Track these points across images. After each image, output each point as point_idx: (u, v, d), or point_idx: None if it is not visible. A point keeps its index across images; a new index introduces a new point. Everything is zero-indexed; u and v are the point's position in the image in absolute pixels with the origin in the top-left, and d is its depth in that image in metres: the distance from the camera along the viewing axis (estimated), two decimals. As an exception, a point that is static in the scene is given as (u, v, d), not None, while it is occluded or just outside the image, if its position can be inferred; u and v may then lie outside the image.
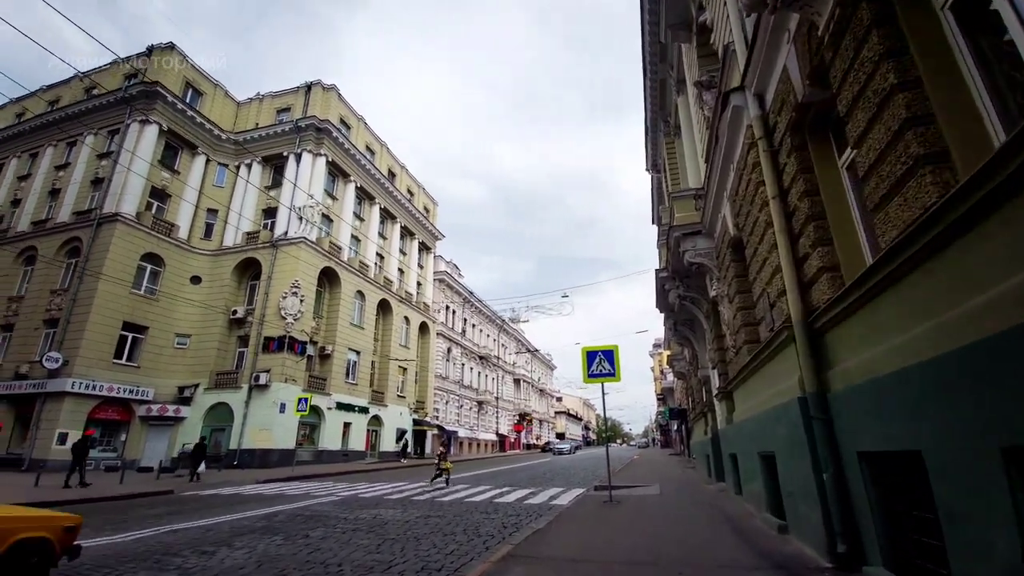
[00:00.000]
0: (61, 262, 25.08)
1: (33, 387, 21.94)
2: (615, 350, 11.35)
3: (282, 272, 26.71)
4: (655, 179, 26.36)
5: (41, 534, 4.51)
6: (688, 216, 10.97)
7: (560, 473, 21.90)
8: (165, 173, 27.62)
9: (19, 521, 4.43)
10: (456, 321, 48.95)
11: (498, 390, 58.88)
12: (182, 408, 25.13)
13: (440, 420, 42.42)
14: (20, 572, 4.24)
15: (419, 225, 42.05)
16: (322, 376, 28.12)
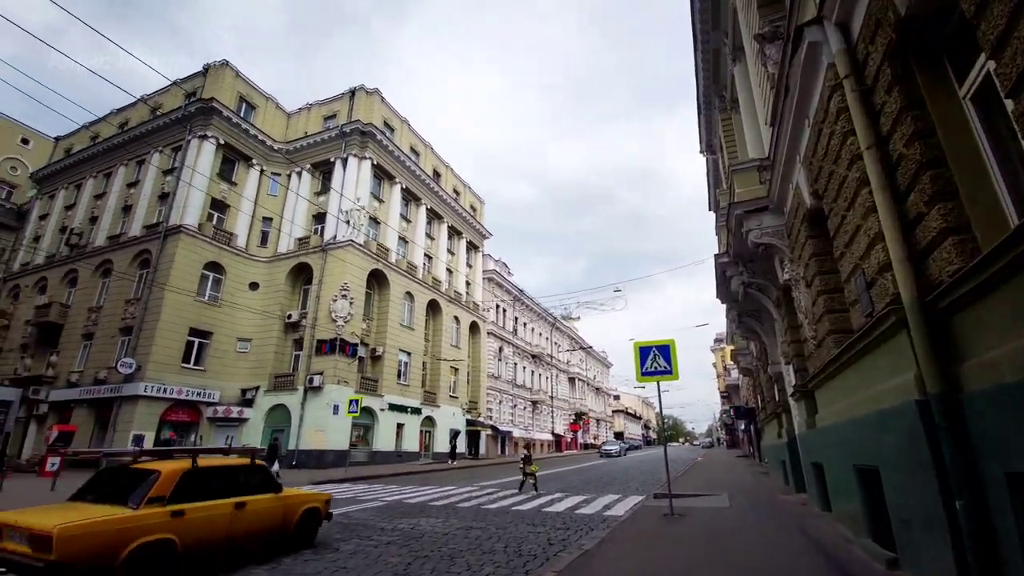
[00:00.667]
0: (133, 273, 26.72)
1: (110, 391, 23.40)
2: (671, 345, 10.20)
3: (332, 275, 27.14)
4: (710, 161, 24.55)
5: (315, 505, 7.58)
6: (751, 191, 9.64)
7: (617, 477, 20.71)
8: (224, 185, 28.84)
9: (306, 497, 7.55)
10: (507, 320, 48.45)
11: (552, 389, 57.90)
12: (245, 410, 26.08)
13: (494, 420, 42.05)
14: (307, 525, 7.39)
15: (466, 224, 41.87)
16: (374, 378, 28.36)
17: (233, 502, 6.27)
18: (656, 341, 10.38)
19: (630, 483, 17.82)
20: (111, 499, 5.53)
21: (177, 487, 5.73)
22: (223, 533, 6.09)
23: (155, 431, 23.24)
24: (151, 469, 5.82)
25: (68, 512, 5.17)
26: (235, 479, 6.59)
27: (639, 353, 10.37)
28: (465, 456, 36.32)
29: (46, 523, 4.74)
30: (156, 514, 5.41)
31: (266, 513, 6.73)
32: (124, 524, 5.13)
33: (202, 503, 5.90)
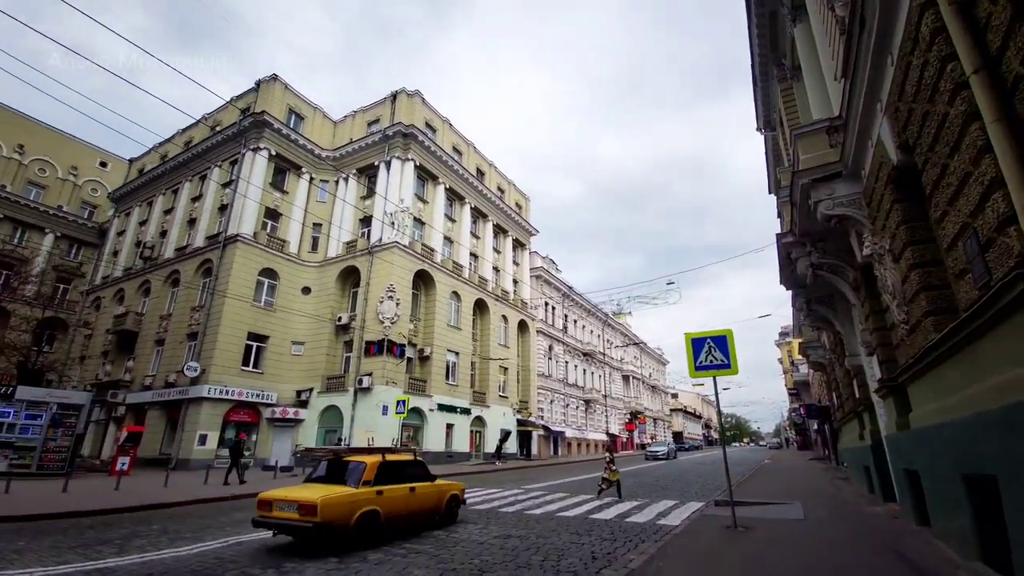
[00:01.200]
0: (198, 282, 28.18)
1: (178, 394, 24.71)
2: (728, 336, 9.13)
3: (378, 277, 27.42)
4: (769, 139, 22.66)
5: (456, 492, 9.75)
6: (819, 156, 8.40)
7: (675, 480, 19.41)
8: (276, 194, 29.91)
9: (450, 486, 9.66)
10: (556, 318, 47.55)
11: (606, 388, 56.37)
12: (301, 410, 26.82)
13: (545, 420, 41.29)
14: (452, 507, 9.53)
15: (511, 222, 41.40)
16: (422, 378, 28.40)
17: (409, 486, 8.72)
18: (711, 332, 9.34)
19: (689, 487, 16.57)
20: (336, 481, 8.01)
21: (377, 474, 8.22)
22: (404, 508, 8.51)
23: (219, 431, 24.28)
24: (359, 461, 8.39)
25: (315, 490, 7.52)
26: (408, 470, 9.05)
27: (692, 345, 9.36)
28: (516, 457, 35.81)
29: (311, 496, 7.12)
30: (368, 492, 7.86)
31: (428, 496, 9.12)
32: (353, 498, 7.56)
33: (391, 486, 8.35)
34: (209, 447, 23.71)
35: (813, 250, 10.15)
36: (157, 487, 15.06)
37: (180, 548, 7.38)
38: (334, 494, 7.37)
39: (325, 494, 7.26)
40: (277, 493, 7.56)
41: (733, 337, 9.13)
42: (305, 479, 8.65)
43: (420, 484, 8.98)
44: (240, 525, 9.32)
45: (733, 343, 9.06)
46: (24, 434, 15.49)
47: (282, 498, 7.36)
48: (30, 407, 15.74)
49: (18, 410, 15.45)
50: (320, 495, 7.19)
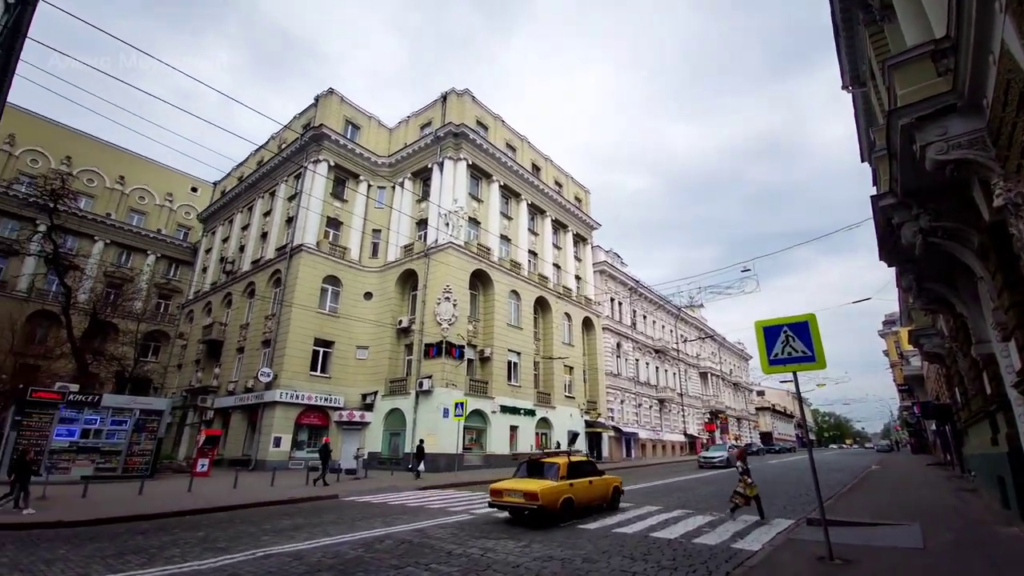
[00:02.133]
0: (270, 292, 29.65)
1: (255, 398, 26.01)
2: (810, 322, 7.49)
3: (435, 279, 27.30)
4: (859, 97, 19.69)
5: (617, 484, 12.48)
6: (924, 88, 6.59)
7: (761, 488, 17.18)
8: (336, 203, 30.85)
9: (613, 480, 12.42)
10: (623, 314, 45.42)
11: (681, 386, 53.14)
12: (366, 414, 27.32)
13: (616, 421, 39.44)
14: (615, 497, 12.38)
15: (571, 216, 40.02)
16: (483, 379, 27.91)
17: (588, 480, 11.51)
18: (788, 318, 7.74)
19: (776, 498, 14.52)
20: (537, 476, 10.94)
21: (568, 470, 11.05)
22: (586, 495, 11.27)
23: (291, 434, 25.24)
24: (553, 462, 11.32)
25: (530, 483, 10.39)
26: (585, 467, 11.96)
27: (764, 335, 7.81)
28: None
29: (533, 487, 10.01)
30: (564, 484, 10.62)
31: (599, 487, 11.90)
32: (557, 488, 10.33)
33: (577, 480, 11.11)
34: (283, 449, 24.69)
35: (922, 212, 8.15)
36: (227, 489, 15.58)
37: (204, 561, 7.09)
38: (546, 486, 10.20)
39: (541, 486, 10.11)
40: (505, 485, 10.73)
41: (817, 324, 7.47)
42: (513, 474, 11.82)
43: (595, 478, 11.84)
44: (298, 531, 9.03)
45: (817, 331, 7.41)
46: (110, 439, 16.71)
47: (510, 488, 10.44)
48: (115, 413, 16.98)
49: (104, 417, 16.69)
50: (538, 487, 10.07)
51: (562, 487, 10.45)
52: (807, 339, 7.40)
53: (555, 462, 11.18)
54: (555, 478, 10.59)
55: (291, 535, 9.03)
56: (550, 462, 11.28)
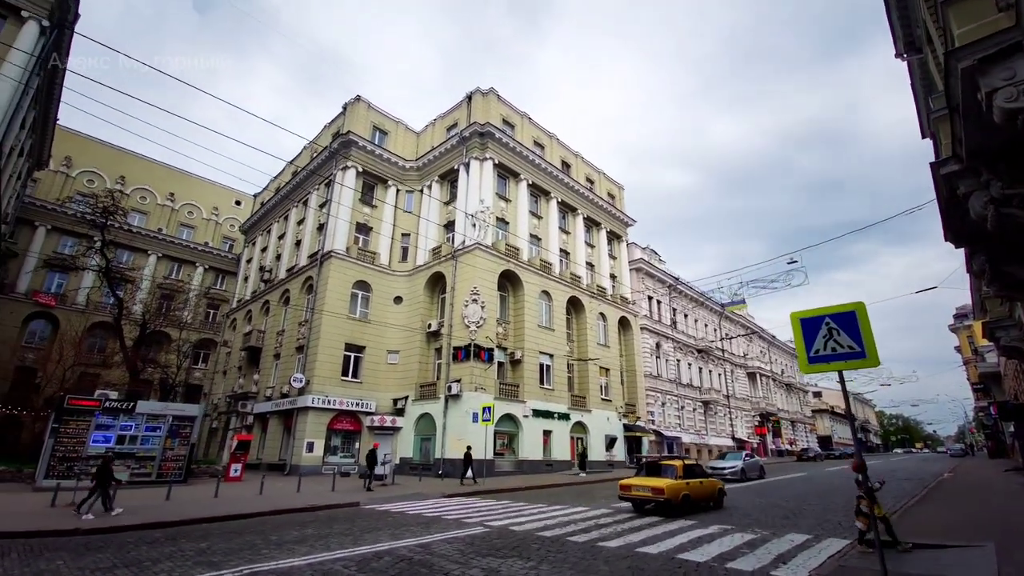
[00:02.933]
0: (304, 299, 30.11)
1: (289, 404, 26.34)
2: (858, 311, 6.36)
3: (462, 281, 26.87)
4: (914, 65, 17.80)
5: (720, 485, 14.55)
6: (985, 25, 5.44)
7: (811, 500, 15.62)
8: (366, 209, 31.06)
9: (718, 482, 14.60)
10: (662, 312, 43.62)
11: (727, 387, 50.55)
12: (397, 419, 27.16)
13: (657, 424, 37.78)
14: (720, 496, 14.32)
15: (604, 213, 38.79)
16: (514, 383, 27.19)
17: (699, 480, 13.60)
18: (831, 308, 6.62)
19: (831, 512, 13.03)
20: (659, 475, 13.26)
21: (683, 471, 13.24)
22: (698, 493, 13.27)
23: (324, 439, 25.35)
24: (671, 464, 13.67)
25: (653, 480, 12.79)
26: (696, 469, 14.09)
27: (801, 328, 6.72)
28: (626, 465, 32.98)
29: (659, 484, 12.37)
30: (682, 482, 12.79)
31: (708, 487, 13.83)
32: (678, 485, 12.58)
33: (690, 479, 13.20)
34: (316, 454, 24.82)
35: (992, 178, 6.84)
36: (253, 494, 15.56)
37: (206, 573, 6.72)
38: (670, 483, 12.45)
39: (666, 483, 12.39)
40: (632, 481, 13.10)
41: (867, 313, 6.32)
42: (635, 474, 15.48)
43: (703, 479, 13.89)
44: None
45: (868, 322, 6.27)
46: (145, 445, 17.11)
47: (638, 484, 12.85)
48: (150, 420, 17.38)
49: (139, 423, 17.11)
50: (664, 483, 12.38)
51: (681, 485, 12.70)
52: (855, 332, 6.27)
53: (673, 464, 13.64)
54: (674, 477, 12.88)
55: (292, 548, 8.62)
56: (668, 464, 13.80)
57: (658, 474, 13.37)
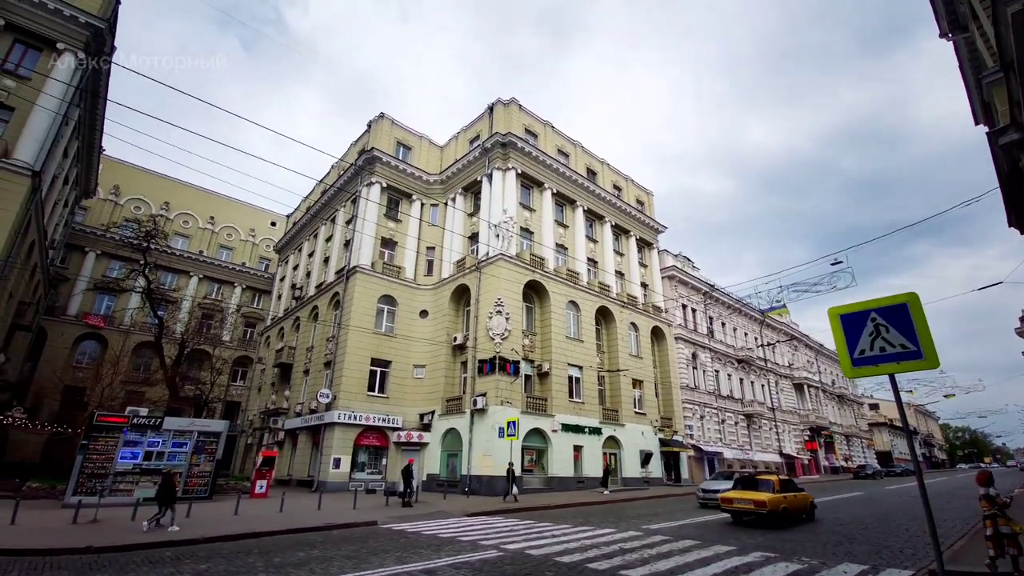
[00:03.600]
0: (331, 314, 30.34)
1: (317, 420, 26.35)
2: (910, 303, 5.43)
3: (487, 293, 26.41)
4: (961, 45, 16.49)
5: (811, 499, 15.37)
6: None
7: (870, 524, 14.06)
8: (391, 224, 31.22)
9: (809, 496, 15.39)
10: (697, 321, 41.85)
11: (771, 399, 47.86)
12: (424, 434, 26.71)
13: (696, 439, 35.93)
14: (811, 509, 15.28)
15: (633, 220, 37.75)
16: (542, 396, 26.34)
17: (794, 494, 14.60)
18: (877, 301, 5.70)
19: (892, 537, 11.61)
20: (755, 489, 14.35)
21: (779, 485, 14.43)
22: (793, 506, 14.21)
23: (351, 455, 25.14)
24: (767, 479, 14.99)
25: (754, 494, 13.87)
26: (790, 485, 15.12)
27: (842, 325, 5.81)
28: (663, 482, 31.38)
29: (761, 497, 13.56)
30: (780, 495, 13.86)
31: (801, 500, 14.75)
32: (777, 498, 13.65)
33: (784, 493, 14.20)
34: (342, 470, 24.61)
35: (1071, 143, 5.81)
36: (273, 512, 15.34)
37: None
38: (770, 496, 13.57)
39: (767, 496, 13.54)
40: (732, 495, 14.24)
41: (921, 306, 5.38)
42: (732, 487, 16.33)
43: (796, 493, 14.82)
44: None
45: (922, 316, 5.33)
46: (171, 461, 17.23)
47: (739, 497, 13.97)
48: (176, 436, 17.52)
49: (166, 439, 17.27)
50: (765, 497, 13.51)
51: (780, 498, 13.84)
52: (907, 328, 5.35)
53: (769, 479, 14.95)
54: (771, 491, 14.02)
55: (289, 572, 8.15)
56: (764, 479, 15.10)
57: (755, 488, 14.50)
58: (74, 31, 21.40)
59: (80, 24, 21.44)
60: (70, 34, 21.29)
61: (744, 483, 15.34)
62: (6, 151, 18.95)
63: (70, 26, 21.27)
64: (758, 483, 14.75)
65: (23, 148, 19.44)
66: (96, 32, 22.04)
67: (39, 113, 19.89)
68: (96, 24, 21.86)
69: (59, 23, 21.03)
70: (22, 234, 20.36)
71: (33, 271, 26.05)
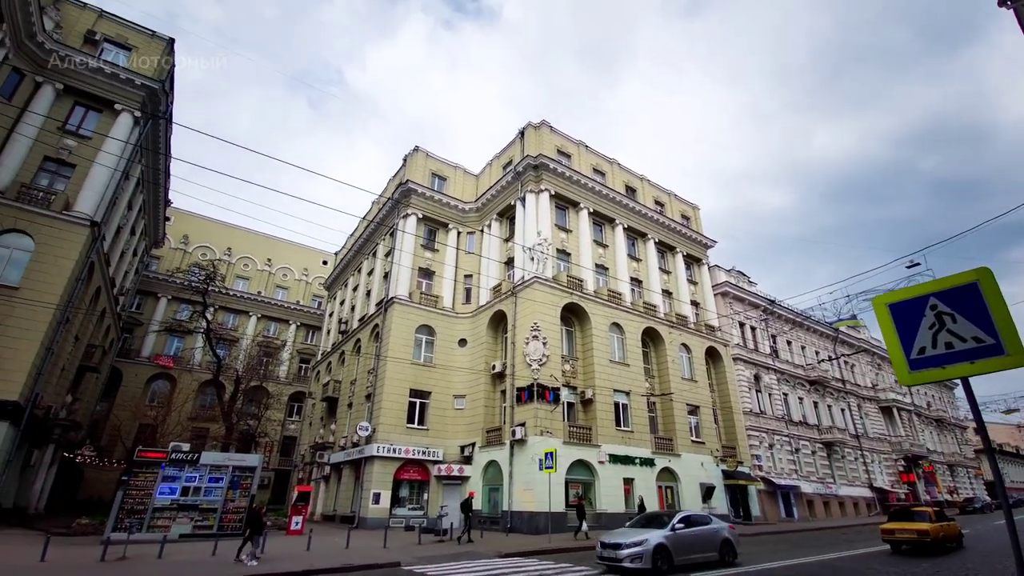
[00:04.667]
0: (372, 346, 30.48)
1: (358, 453, 26.07)
2: (981, 282, 4.06)
3: (523, 318, 25.53)
4: (1021, 12, 14.36)
5: (957, 527, 16.96)
6: None
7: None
8: (428, 254, 31.35)
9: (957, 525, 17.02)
10: (758, 340, 38.66)
11: (855, 425, 42.95)
12: (465, 467, 25.74)
13: (765, 471, 32.50)
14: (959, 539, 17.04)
15: (678, 236, 35.92)
16: (586, 425, 24.75)
17: (948, 523, 16.23)
18: (937, 283, 4.35)
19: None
20: (913, 520, 15.85)
21: (935, 515, 15.97)
22: (945, 534, 15.68)
23: (391, 490, 24.51)
24: (923, 510, 16.47)
25: (916, 523, 15.50)
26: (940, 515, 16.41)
27: (892, 317, 4.49)
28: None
29: (922, 527, 15.15)
30: (937, 525, 15.43)
31: (952, 529, 16.22)
32: (936, 527, 15.27)
33: (942, 523, 15.82)
34: (382, 506, 23.98)
35: None
36: (299, 551, 14.85)
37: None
38: (931, 526, 15.01)
39: (929, 526, 14.97)
40: (892, 526, 15.84)
41: (996, 284, 4.01)
42: (888, 518, 16.97)
43: (942, 523, 15.75)
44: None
45: (999, 296, 3.95)
46: (208, 496, 17.30)
47: (901, 528, 15.51)
48: (213, 471, 17.64)
49: (203, 474, 17.42)
50: (927, 527, 14.93)
51: (938, 527, 15.18)
52: (981, 314, 3.98)
53: (924, 510, 16.36)
54: (928, 521, 15.36)
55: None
56: (920, 510, 16.50)
57: (911, 519, 15.94)
58: (130, 92, 23.41)
59: (136, 86, 23.44)
60: (127, 95, 23.28)
61: (899, 515, 16.63)
62: (67, 204, 20.65)
63: (127, 88, 23.29)
64: (914, 514, 16.25)
65: (83, 201, 21.12)
66: (151, 92, 24.00)
67: (98, 169, 21.65)
68: (151, 85, 23.82)
69: (116, 86, 23.07)
70: (84, 281, 21.93)
71: (102, 316, 28.06)
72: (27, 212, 19.68)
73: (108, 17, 24.43)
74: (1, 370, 17.71)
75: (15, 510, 20.46)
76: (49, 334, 19.23)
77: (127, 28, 24.84)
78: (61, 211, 20.38)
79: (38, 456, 22.00)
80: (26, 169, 20.59)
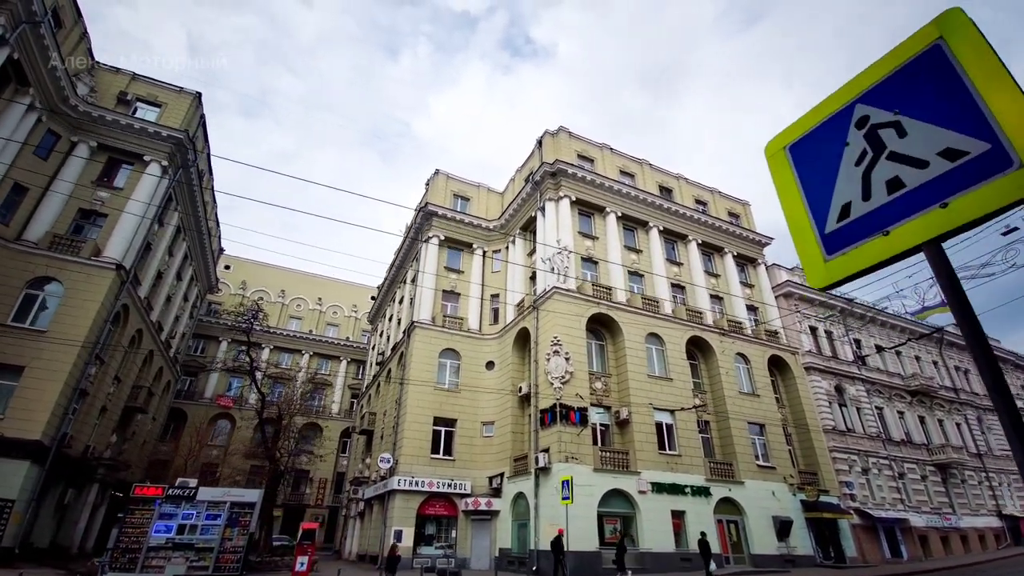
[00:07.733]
0: (399, 374, 29.53)
1: (384, 487, 24.74)
2: (943, 42, 1.85)
3: (544, 332, 23.49)
4: None
5: None
6: None
7: None
8: (452, 276, 30.35)
9: None
10: (836, 346, 33.47)
11: (977, 443, 35.63)
12: (494, 500, 23.58)
13: (859, 501, 27.20)
14: None
15: (726, 235, 32.43)
16: (622, 449, 21.85)
17: None
18: (861, 77, 2.18)
19: None
20: None
21: None
22: None
23: (413, 526, 22.81)
24: None
25: None
26: None
27: (792, 164, 2.33)
28: (815, 562, 23.65)
29: None
30: None
31: None
32: None
33: None
34: (405, 544, 22.22)
35: None
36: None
37: None
38: None
39: None
40: None
41: (976, 32, 1.82)
42: None
43: None
44: None
45: (989, 57, 1.76)
46: (204, 534, 16.53)
47: None
48: (210, 507, 16.94)
49: (200, 511, 16.74)
50: None
51: None
52: (952, 100, 1.82)
53: None
54: None
55: None
56: None
57: None
58: (158, 144, 24.84)
59: (162, 138, 24.87)
60: (154, 147, 24.74)
61: None
62: (96, 251, 21.78)
63: (154, 140, 24.75)
64: None
65: (112, 247, 22.24)
66: (177, 143, 25.36)
67: (127, 217, 22.84)
68: (176, 135, 25.18)
69: (145, 140, 24.58)
70: (118, 323, 22.90)
71: (148, 358, 29.41)
72: (57, 260, 20.93)
73: (140, 79, 26.44)
74: (25, 411, 18.39)
75: (51, 549, 20.96)
76: (75, 374, 19.92)
77: (157, 87, 26.72)
78: (90, 257, 21.51)
79: (72, 495, 22.66)
80: (61, 222, 22.08)
